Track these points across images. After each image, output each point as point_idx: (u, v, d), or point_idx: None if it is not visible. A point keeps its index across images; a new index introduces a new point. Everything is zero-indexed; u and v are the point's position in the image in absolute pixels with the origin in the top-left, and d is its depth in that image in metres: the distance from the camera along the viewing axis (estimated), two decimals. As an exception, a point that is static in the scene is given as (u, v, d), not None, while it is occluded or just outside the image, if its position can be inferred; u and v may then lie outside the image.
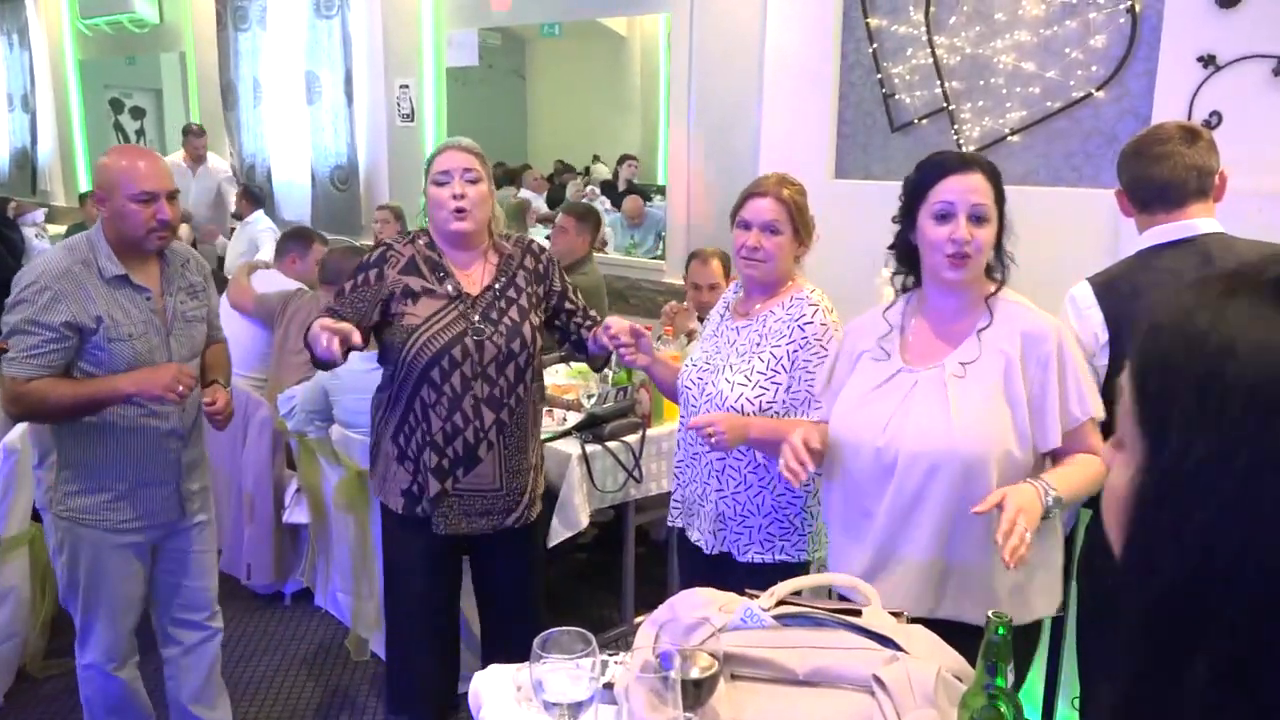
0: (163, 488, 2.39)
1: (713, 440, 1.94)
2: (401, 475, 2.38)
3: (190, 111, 7.80)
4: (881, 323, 1.85)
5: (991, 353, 1.69)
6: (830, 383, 1.92)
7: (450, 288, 2.32)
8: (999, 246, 1.75)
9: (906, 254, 1.82)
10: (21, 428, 3.04)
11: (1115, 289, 2.01)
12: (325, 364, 2.23)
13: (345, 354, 2.11)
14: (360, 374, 3.01)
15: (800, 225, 2.17)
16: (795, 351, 2.10)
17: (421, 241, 2.38)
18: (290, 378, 3.65)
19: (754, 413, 2.09)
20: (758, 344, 2.15)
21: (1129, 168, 2.09)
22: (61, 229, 7.51)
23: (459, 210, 2.28)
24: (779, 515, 2.17)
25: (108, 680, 2.46)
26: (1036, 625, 1.78)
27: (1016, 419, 1.65)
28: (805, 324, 2.12)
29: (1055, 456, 1.72)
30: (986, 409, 1.65)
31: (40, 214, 6.80)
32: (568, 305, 2.50)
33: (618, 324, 2.19)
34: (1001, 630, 1.00)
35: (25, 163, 9.47)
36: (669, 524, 2.40)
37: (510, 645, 2.45)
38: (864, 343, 1.85)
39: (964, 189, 1.69)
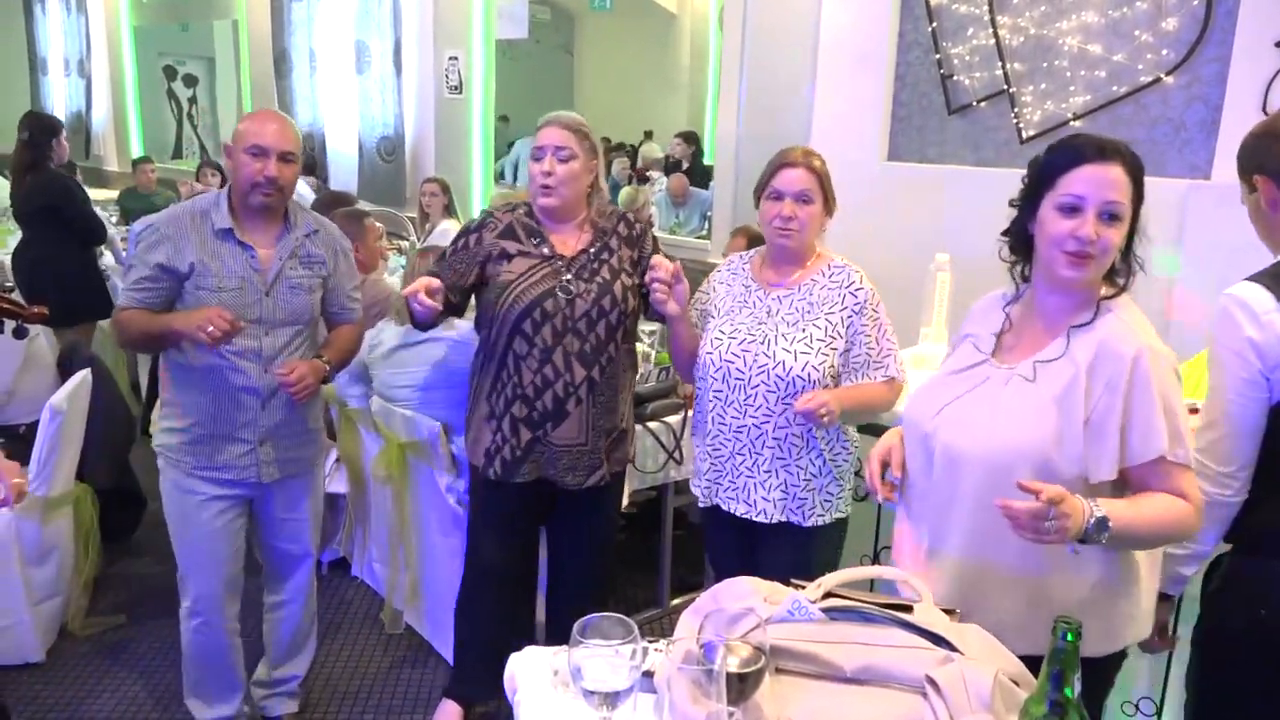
0: (239, 444, 2.41)
1: (825, 419, 2.01)
2: (486, 434, 2.45)
3: (241, 79, 7.85)
4: (994, 307, 1.73)
5: (1068, 359, 1.54)
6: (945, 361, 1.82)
7: (546, 250, 2.40)
8: (1128, 248, 1.55)
9: (1024, 242, 1.63)
10: (67, 389, 3.07)
11: None
12: (424, 324, 2.42)
13: (443, 310, 2.31)
14: (400, 349, 3.00)
15: (828, 194, 2.22)
16: (850, 317, 2.18)
17: (521, 210, 2.46)
18: None
19: (819, 379, 2.14)
20: (808, 311, 2.19)
21: (1276, 152, 1.77)
22: (113, 194, 7.61)
23: (545, 187, 2.36)
24: (834, 473, 2.25)
25: (198, 632, 2.54)
26: (1108, 661, 1.61)
27: (1067, 434, 1.49)
28: (856, 290, 2.19)
29: (1135, 490, 1.54)
30: (1033, 414, 1.52)
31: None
32: None
33: (661, 261, 2.19)
34: (1070, 636, 0.95)
35: (80, 127, 9.60)
36: (700, 504, 2.38)
37: (575, 615, 2.48)
38: (971, 325, 1.75)
39: (1099, 181, 1.49)
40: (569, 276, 2.36)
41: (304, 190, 6.21)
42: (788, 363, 2.14)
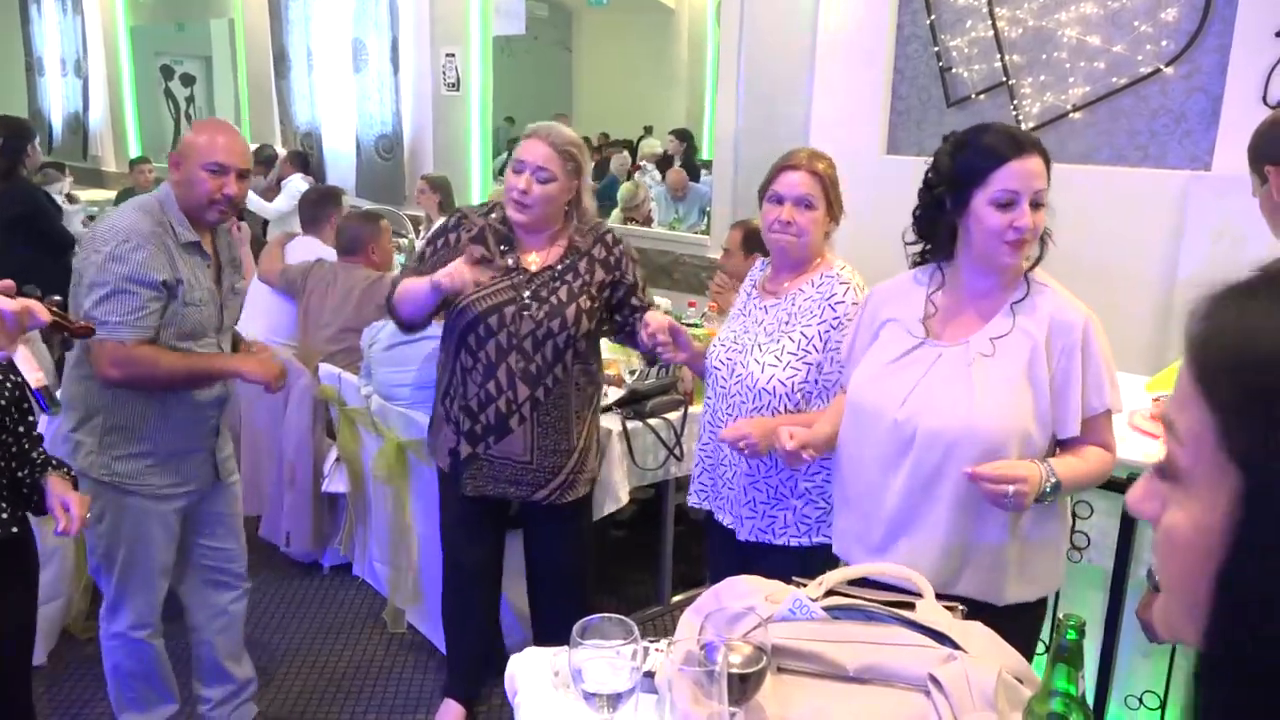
0: (199, 454, 2.40)
1: (745, 451, 1.94)
2: (448, 435, 2.44)
3: (239, 79, 7.83)
4: (909, 291, 1.82)
5: (1020, 333, 1.68)
6: (853, 351, 1.88)
7: (511, 261, 2.37)
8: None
9: (936, 228, 1.76)
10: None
11: None
12: (412, 325, 2.42)
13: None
14: (392, 347, 2.99)
15: (832, 200, 2.12)
16: (827, 331, 2.06)
17: (495, 215, 2.41)
18: (318, 349, 3.63)
19: (785, 394, 2.06)
20: (786, 323, 2.11)
21: None
22: (111, 194, 7.59)
23: (518, 204, 2.32)
24: (813, 497, 2.13)
25: (140, 646, 2.46)
26: (1040, 604, 1.81)
27: (1038, 403, 1.66)
28: (836, 303, 2.08)
29: (1065, 445, 1.72)
30: (1009, 390, 1.66)
31: (66, 183, 6.80)
32: (633, 301, 2.47)
33: (656, 322, 2.13)
34: (1072, 634, 0.94)
35: (77, 127, 9.59)
36: (692, 504, 2.36)
37: (557, 623, 2.48)
38: (887, 310, 1.82)
39: (1026, 174, 1.64)
40: (527, 294, 2.34)
41: (301, 187, 6.21)
42: (755, 374, 2.08)
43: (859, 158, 3.74)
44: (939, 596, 1.39)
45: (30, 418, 2.00)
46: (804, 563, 2.18)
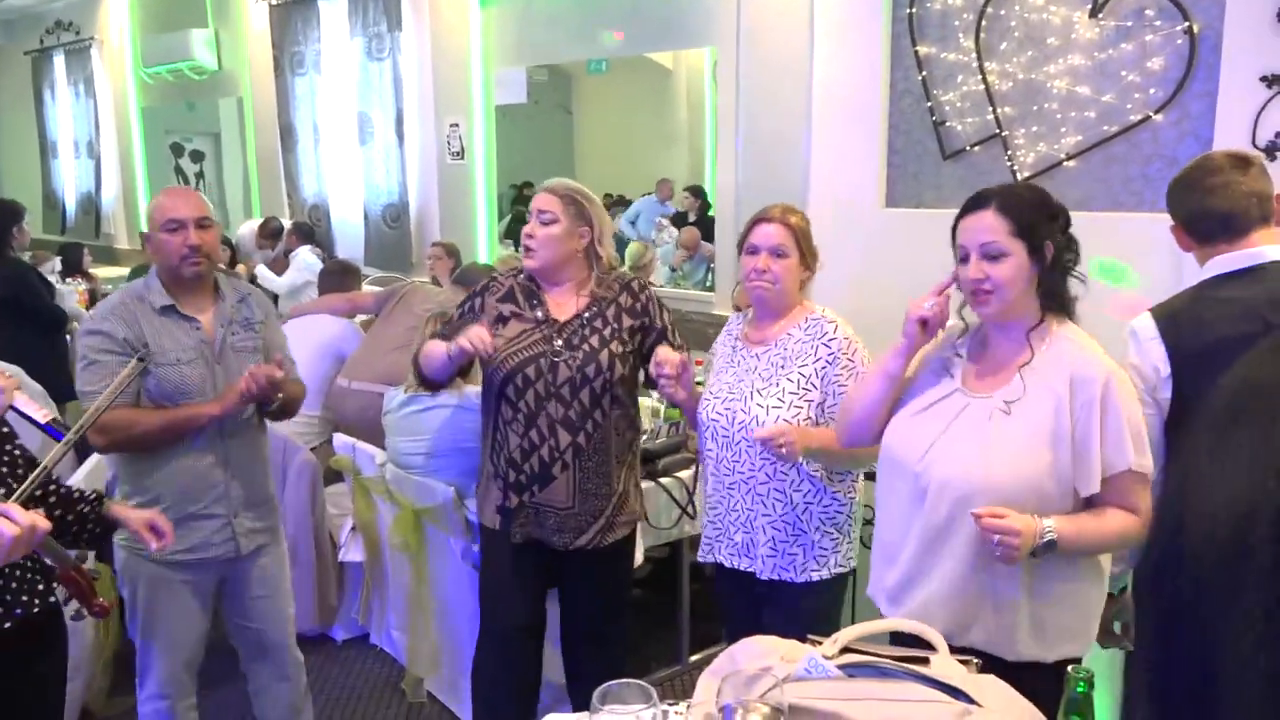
0: (213, 520, 2.42)
1: (783, 451, 2.00)
2: (495, 493, 2.49)
3: (247, 154, 7.99)
4: (957, 337, 1.87)
5: (1040, 391, 1.68)
6: (912, 377, 1.89)
7: (540, 314, 2.45)
8: (1052, 278, 1.73)
9: None
10: (85, 470, 3.10)
11: (1178, 321, 1.95)
12: (435, 384, 2.59)
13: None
14: (406, 415, 3.03)
15: (805, 250, 2.25)
16: (824, 368, 2.18)
17: (523, 275, 2.52)
18: (378, 366, 3.70)
19: None
20: (782, 366, 2.21)
21: (1184, 202, 2.05)
22: (124, 271, 7.71)
23: (526, 249, 2.44)
24: (828, 527, 2.23)
25: (159, 714, 2.50)
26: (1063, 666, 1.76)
27: (1058, 459, 1.65)
28: (829, 340, 2.20)
29: (1090, 505, 1.69)
30: (1027, 448, 1.66)
31: (56, 262, 6.94)
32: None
33: (666, 355, 2.24)
34: (1082, 687, 0.96)
35: (90, 207, 9.76)
36: (699, 560, 2.41)
37: (595, 677, 2.47)
38: (941, 350, 1.87)
39: (973, 229, 1.72)
40: (559, 342, 2.40)
41: (310, 260, 6.30)
42: (760, 418, 2.17)
43: (858, 210, 3.80)
44: (952, 649, 1.40)
45: (51, 485, 2.03)
46: (819, 597, 2.24)
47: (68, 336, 4.87)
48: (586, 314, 2.45)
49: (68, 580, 1.95)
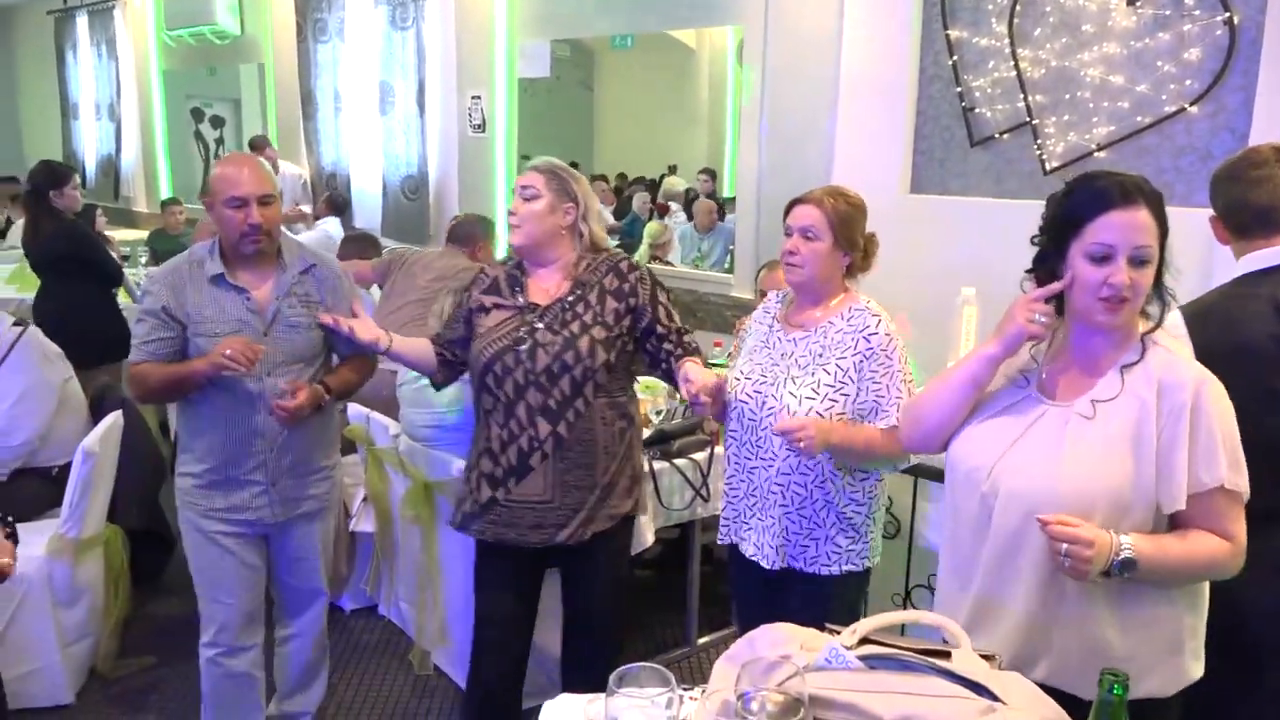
0: (252, 486, 2.46)
1: (802, 445, 1.95)
2: (473, 483, 2.44)
3: (268, 120, 7.96)
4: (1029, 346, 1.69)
5: (1130, 396, 1.53)
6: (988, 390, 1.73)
7: (521, 300, 2.39)
8: (1158, 283, 1.55)
9: (1046, 277, 1.61)
10: (99, 431, 3.10)
11: (1208, 318, 1.89)
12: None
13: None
14: (420, 388, 3.01)
15: (841, 236, 2.15)
16: (861, 363, 2.11)
17: (511, 263, 2.49)
18: (392, 320, 3.72)
19: None
20: (820, 355, 2.15)
21: (1225, 192, 2.01)
22: (143, 234, 7.71)
23: (511, 226, 2.41)
24: (844, 525, 2.18)
25: (209, 664, 2.58)
26: (1149, 707, 1.55)
27: (1139, 470, 1.49)
28: (870, 335, 2.13)
29: (1175, 525, 1.53)
30: (1104, 455, 1.51)
31: (101, 223, 6.99)
32: (658, 329, 2.42)
33: (700, 381, 2.16)
34: (1118, 690, 0.93)
35: (110, 169, 9.76)
36: (719, 541, 2.37)
37: (584, 668, 2.50)
38: (1015, 359, 1.68)
39: (1127, 228, 1.48)
40: (540, 327, 2.34)
41: (333, 229, 6.29)
42: (792, 407, 2.10)
43: (883, 196, 3.74)
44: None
45: None
46: (831, 592, 2.20)
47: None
48: (569, 298, 2.36)
49: None
